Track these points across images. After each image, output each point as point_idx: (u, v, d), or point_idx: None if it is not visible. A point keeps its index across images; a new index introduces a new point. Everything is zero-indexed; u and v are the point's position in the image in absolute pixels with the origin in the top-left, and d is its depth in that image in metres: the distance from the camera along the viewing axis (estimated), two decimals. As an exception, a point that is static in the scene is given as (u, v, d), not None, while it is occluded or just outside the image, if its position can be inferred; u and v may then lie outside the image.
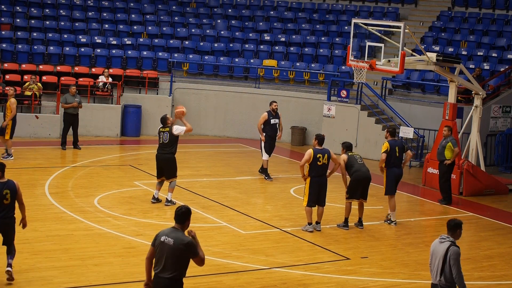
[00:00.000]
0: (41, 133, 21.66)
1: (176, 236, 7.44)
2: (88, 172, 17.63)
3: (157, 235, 7.59)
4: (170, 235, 7.45)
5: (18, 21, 25.79)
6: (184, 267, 7.52)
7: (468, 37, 25.48)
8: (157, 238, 7.55)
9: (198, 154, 21.19)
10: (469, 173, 17.86)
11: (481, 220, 15.73)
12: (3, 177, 9.85)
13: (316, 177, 13.25)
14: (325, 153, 13.29)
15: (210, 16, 28.35)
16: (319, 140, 13.39)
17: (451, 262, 8.08)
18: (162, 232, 7.56)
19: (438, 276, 8.21)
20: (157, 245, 7.51)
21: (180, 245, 7.38)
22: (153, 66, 25.27)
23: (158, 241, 7.51)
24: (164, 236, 7.47)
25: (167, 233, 7.50)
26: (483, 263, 12.48)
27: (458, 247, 8.19)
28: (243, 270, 11.18)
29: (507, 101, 22.09)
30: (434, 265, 8.28)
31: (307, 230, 13.50)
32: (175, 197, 15.00)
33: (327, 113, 22.63)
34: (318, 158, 13.17)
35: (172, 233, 7.48)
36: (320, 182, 13.31)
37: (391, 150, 14.43)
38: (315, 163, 13.19)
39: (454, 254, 8.08)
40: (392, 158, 14.47)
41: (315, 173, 13.24)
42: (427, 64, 17.55)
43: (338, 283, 10.91)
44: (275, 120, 18.05)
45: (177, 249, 7.37)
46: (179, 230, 7.51)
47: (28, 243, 11.66)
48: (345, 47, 25.43)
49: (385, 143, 14.59)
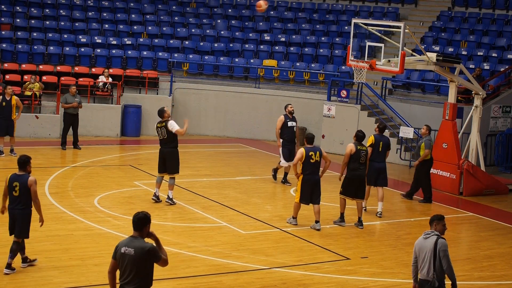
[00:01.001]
0: (41, 133, 21.66)
1: (136, 245, 7.17)
2: (88, 172, 17.63)
3: (116, 247, 7.31)
4: (130, 245, 7.18)
5: (18, 21, 25.79)
6: (149, 274, 7.28)
7: (468, 37, 25.48)
8: (117, 250, 7.27)
9: (198, 154, 21.19)
10: (469, 173, 17.86)
11: (481, 220, 15.73)
12: (23, 170, 10.25)
13: (309, 175, 13.48)
14: (317, 151, 13.55)
15: (210, 16, 28.35)
16: (308, 139, 13.67)
17: (441, 254, 8.17)
18: (121, 243, 7.27)
19: (431, 271, 8.23)
20: (118, 258, 7.24)
21: (141, 254, 7.13)
22: (153, 66, 25.28)
23: (119, 253, 7.23)
24: (124, 247, 7.20)
25: (126, 243, 7.23)
26: (483, 263, 12.48)
27: (445, 239, 8.27)
28: (243, 270, 11.18)
29: (507, 101, 22.09)
30: (423, 261, 8.30)
31: (291, 223, 13.86)
32: (175, 197, 15.00)
33: (327, 113, 22.63)
34: (311, 156, 13.43)
35: (132, 242, 7.21)
36: (313, 180, 13.52)
37: (375, 144, 15.09)
38: (308, 161, 13.43)
39: (443, 246, 8.22)
40: (375, 152, 15.07)
41: (307, 171, 13.49)
42: (427, 64, 17.55)
43: (338, 283, 10.91)
44: (292, 123, 17.33)
45: (139, 258, 7.13)
46: (138, 238, 7.24)
47: (28, 243, 11.63)
48: (345, 47, 25.43)
49: (371, 136, 15.23)
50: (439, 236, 8.29)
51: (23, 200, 10.25)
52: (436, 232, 8.33)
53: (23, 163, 10.31)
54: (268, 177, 18.14)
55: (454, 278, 8.26)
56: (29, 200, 10.28)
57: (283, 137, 17.25)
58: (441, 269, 8.21)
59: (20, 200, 10.24)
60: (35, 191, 10.22)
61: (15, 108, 18.85)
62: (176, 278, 10.59)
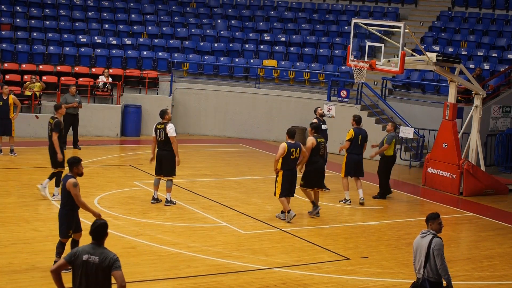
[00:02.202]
0: (41, 133, 21.63)
1: (101, 252, 6.83)
2: (88, 172, 17.59)
3: (75, 253, 6.91)
4: (93, 253, 6.81)
5: (18, 21, 25.79)
6: (110, 285, 6.88)
7: (468, 37, 25.49)
8: (76, 257, 6.86)
9: (198, 154, 21.19)
10: (469, 173, 17.86)
11: (481, 220, 15.73)
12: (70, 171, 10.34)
13: (288, 170, 13.76)
14: (298, 147, 13.81)
15: (210, 16, 28.36)
16: (289, 134, 13.84)
17: (435, 253, 8.23)
18: (82, 250, 6.88)
19: (422, 269, 8.30)
20: (78, 265, 6.83)
21: (106, 262, 6.78)
22: (153, 66, 25.28)
23: (79, 260, 6.82)
24: (86, 255, 6.81)
25: (88, 251, 6.84)
26: (483, 263, 12.47)
27: (441, 238, 8.32)
28: (243, 270, 11.18)
29: (507, 101, 22.09)
30: (419, 260, 8.37)
31: (280, 218, 14.11)
32: (175, 197, 15.01)
33: (327, 113, 22.58)
34: (292, 152, 13.65)
35: (95, 250, 6.85)
36: (292, 175, 13.82)
37: (354, 137, 15.72)
38: (288, 157, 13.66)
39: (438, 245, 8.26)
40: (354, 145, 15.75)
41: (287, 167, 13.74)
42: (427, 64, 17.54)
43: (338, 283, 10.91)
44: (325, 126, 17.30)
45: (103, 267, 6.77)
46: (100, 246, 6.91)
47: (28, 243, 11.68)
48: (345, 47, 25.43)
49: (350, 130, 15.77)
50: (435, 235, 8.34)
51: (62, 199, 10.32)
52: (432, 232, 8.38)
53: (69, 165, 10.32)
54: (268, 177, 18.12)
55: (449, 278, 8.29)
56: (67, 200, 10.18)
57: None
58: (437, 268, 8.25)
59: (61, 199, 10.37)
60: (74, 194, 10.04)
61: (12, 107, 18.85)
62: (176, 278, 10.59)
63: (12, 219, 13.13)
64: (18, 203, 14.33)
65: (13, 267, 10.41)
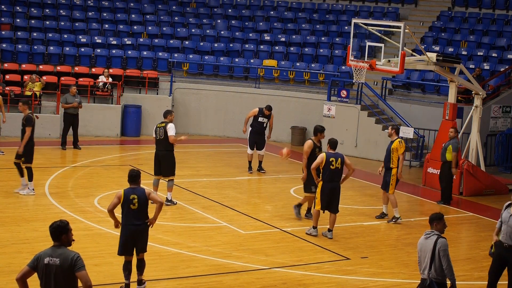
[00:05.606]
0: (41, 133, 21.61)
1: (61, 253, 6.71)
2: (88, 172, 17.63)
3: (38, 257, 6.79)
4: (54, 255, 6.69)
5: (18, 21, 25.79)
6: (76, 286, 6.79)
7: (468, 37, 25.49)
8: (39, 261, 6.75)
9: (198, 154, 21.19)
10: (469, 173, 17.85)
11: (481, 220, 15.73)
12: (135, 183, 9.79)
13: (327, 182, 12.97)
14: (338, 157, 13.00)
15: (210, 16, 28.36)
16: (331, 144, 13.09)
17: (441, 254, 8.22)
18: (44, 254, 6.76)
19: (427, 269, 8.29)
20: (40, 268, 6.73)
21: (68, 262, 6.65)
22: (153, 66, 25.28)
23: (42, 264, 6.70)
24: (47, 258, 6.69)
25: (49, 253, 6.73)
26: (483, 263, 12.45)
27: (445, 238, 8.30)
28: (243, 270, 11.18)
29: (507, 101, 22.09)
30: (424, 261, 8.35)
31: (311, 234, 13.28)
32: (175, 197, 15.01)
33: (327, 113, 22.62)
34: (331, 162, 12.90)
35: (55, 252, 6.73)
36: (331, 187, 12.96)
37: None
38: (328, 167, 12.92)
39: (443, 246, 8.26)
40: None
41: (327, 178, 12.95)
42: (427, 64, 17.54)
43: (338, 283, 10.91)
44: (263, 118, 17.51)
45: (65, 267, 6.65)
46: (61, 247, 6.76)
47: (28, 243, 11.67)
48: (345, 47, 25.44)
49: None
50: (439, 235, 8.33)
51: (138, 213, 9.79)
52: (437, 232, 8.37)
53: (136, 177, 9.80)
54: (268, 177, 18.14)
55: (454, 278, 8.30)
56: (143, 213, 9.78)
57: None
58: (441, 268, 8.25)
59: (137, 213, 9.79)
60: (153, 198, 9.75)
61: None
62: (176, 278, 10.59)
63: (12, 219, 13.13)
64: (18, 203, 14.33)
65: (13, 267, 10.39)
